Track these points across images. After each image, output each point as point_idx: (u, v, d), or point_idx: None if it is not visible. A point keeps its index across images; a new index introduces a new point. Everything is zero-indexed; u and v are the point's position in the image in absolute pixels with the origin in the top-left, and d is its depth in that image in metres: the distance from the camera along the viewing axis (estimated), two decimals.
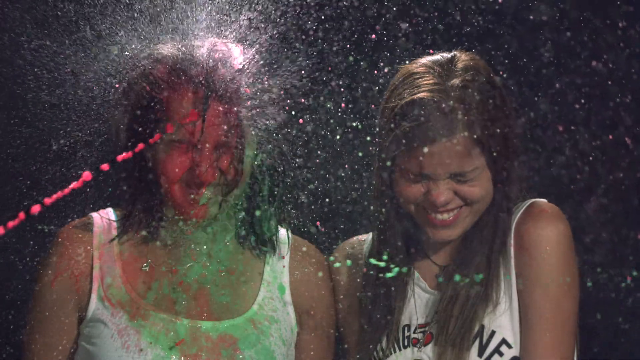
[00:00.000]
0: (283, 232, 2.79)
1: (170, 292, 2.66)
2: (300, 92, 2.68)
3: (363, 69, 3.39)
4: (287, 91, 2.66)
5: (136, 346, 2.60)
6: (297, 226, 2.84)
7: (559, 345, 2.61)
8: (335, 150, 3.18)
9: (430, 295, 2.75)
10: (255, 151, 2.66)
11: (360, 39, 3.41)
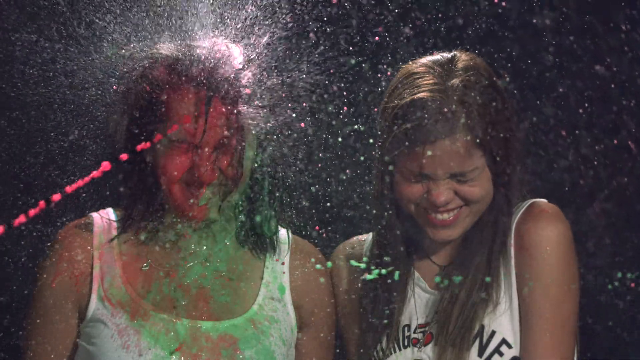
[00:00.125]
0: (283, 232, 2.79)
1: (171, 292, 2.66)
2: (301, 94, 2.68)
3: (365, 71, 3.39)
4: (288, 92, 2.67)
5: (136, 346, 2.60)
6: (297, 227, 2.83)
7: (558, 346, 2.61)
8: (336, 152, 3.18)
9: (430, 295, 2.74)
10: (256, 151, 2.66)
11: (362, 41, 3.41)
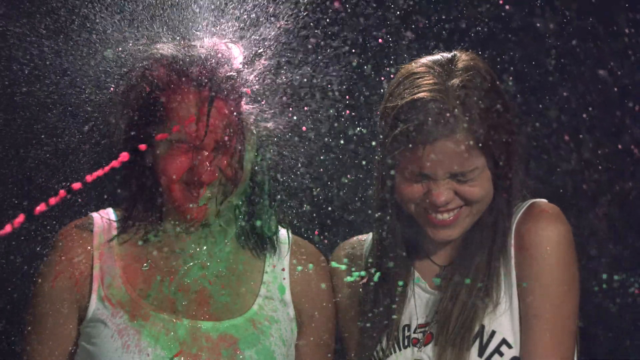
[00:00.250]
0: (283, 233, 2.79)
1: (171, 292, 2.66)
2: (302, 95, 2.68)
3: (367, 74, 3.39)
4: (288, 93, 2.67)
5: (136, 346, 2.60)
6: (298, 229, 2.83)
7: (558, 346, 2.60)
8: (336, 153, 3.18)
9: (430, 295, 2.74)
10: (256, 152, 2.66)
11: (364, 44, 3.41)
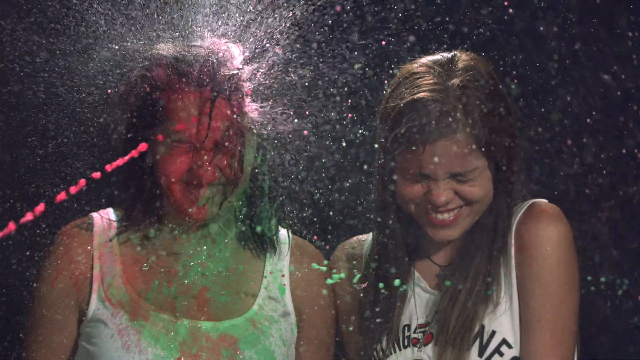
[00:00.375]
0: (284, 233, 2.79)
1: (171, 292, 2.66)
2: (303, 97, 2.68)
3: (370, 76, 3.39)
4: (289, 94, 2.67)
5: (136, 346, 2.60)
6: (299, 230, 2.83)
7: (558, 346, 2.60)
8: (337, 155, 3.17)
9: (430, 295, 2.74)
10: (256, 152, 2.66)
11: (367, 46, 3.41)
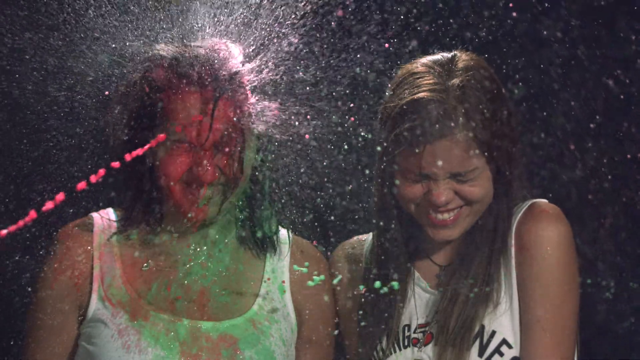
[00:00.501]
0: (284, 233, 2.79)
1: (171, 292, 2.66)
2: (304, 98, 2.69)
3: (372, 79, 3.39)
4: (289, 95, 2.67)
5: (136, 346, 2.60)
6: (300, 231, 2.83)
7: (558, 346, 2.60)
8: (338, 158, 3.18)
9: (430, 295, 2.74)
10: (256, 152, 2.66)
11: (368, 48, 3.41)
